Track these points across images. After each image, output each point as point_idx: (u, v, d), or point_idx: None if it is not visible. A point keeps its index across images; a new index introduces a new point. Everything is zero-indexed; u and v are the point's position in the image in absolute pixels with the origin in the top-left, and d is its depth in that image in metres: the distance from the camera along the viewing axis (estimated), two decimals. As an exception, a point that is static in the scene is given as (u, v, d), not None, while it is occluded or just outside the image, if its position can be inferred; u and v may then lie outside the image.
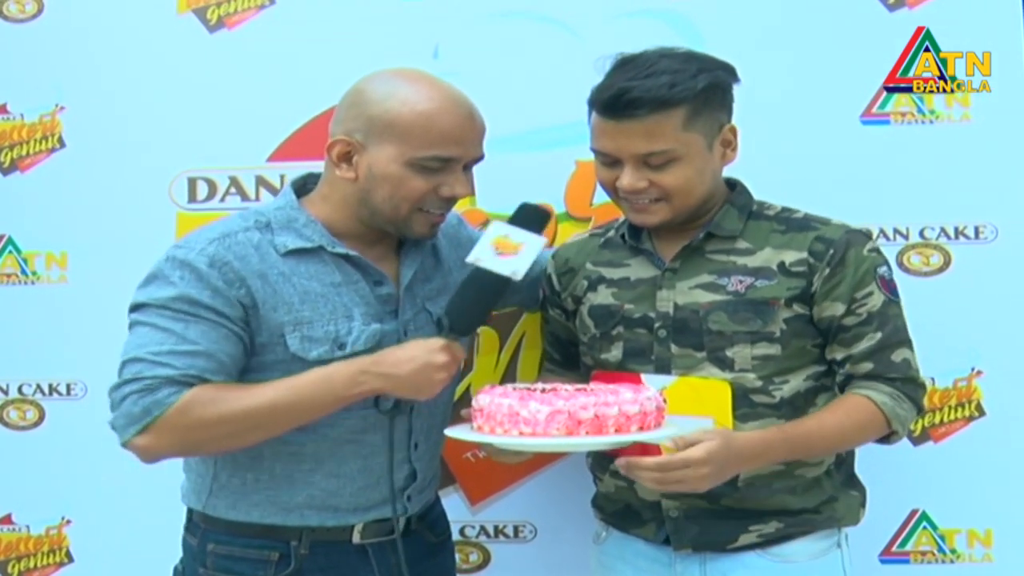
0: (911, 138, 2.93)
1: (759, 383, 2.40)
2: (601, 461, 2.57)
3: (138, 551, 3.04)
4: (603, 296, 2.55)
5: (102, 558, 3.12)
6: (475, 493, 3.05)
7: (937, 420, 2.94)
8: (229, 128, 3.05)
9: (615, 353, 2.50)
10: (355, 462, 2.41)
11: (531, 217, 2.42)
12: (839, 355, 2.44)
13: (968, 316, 2.91)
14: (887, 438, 2.46)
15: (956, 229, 2.92)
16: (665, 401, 2.26)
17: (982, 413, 2.94)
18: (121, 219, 3.06)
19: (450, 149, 2.34)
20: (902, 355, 2.43)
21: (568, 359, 2.71)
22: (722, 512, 2.43)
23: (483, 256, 2.32)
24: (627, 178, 2.39)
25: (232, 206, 2.99)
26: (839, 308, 2.41)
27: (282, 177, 2.99)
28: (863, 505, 2.54)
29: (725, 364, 2.41)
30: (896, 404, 2.40)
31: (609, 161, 2.43)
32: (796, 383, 2.42)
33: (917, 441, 2.94)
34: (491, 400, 2.19)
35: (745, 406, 2.39)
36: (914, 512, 2.97)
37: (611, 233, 2.61)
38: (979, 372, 2.93)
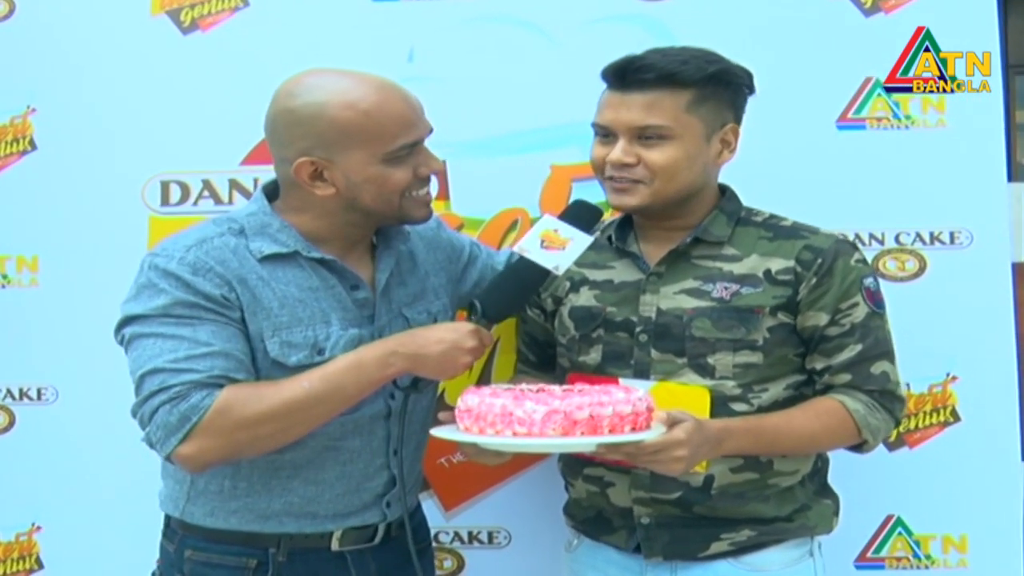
0: (887, 143, 2.94)
1: (738, 391, 2.40)
2: (573, 466, 2.56)
3: (109, 558, 3.02)
4: (585, 298, 2.54)
5: (72, 565, 3.09)
6: (449, 499, 3.03)
7: (912, 426, 2.94)
8: (202, 131, 3.03)
9: (594, 356, 2.49)
10: (334, 469, 2.40)
11: (582, 214, 2.45)
12: (819, 364, 2.43)
13: (943, 322, 2.92)
14: (859, 447, 2.46)
15: (931, 234, 2.93)
16: None
17: (957, 419, 2.94)
18: (93, 222, 3.04)
19: (411, 133, 2.35)
20: (881, 368, 2.43)
21: (543, 361, 2.70)
22: (694, 520, 2.42)
23: (529, 247, 2.37)
24: (616, 151, 2.40)
25: (205, 210, 2.97)
26: (823, 318, 2.40)
27: (255, 180, 2.97)
28: (836, 514, 2.53)
29: (705, 371, 2.40)
30: (869, 413, 2.40)
31: (604, 134, 2.44)
32: (775, 391, 2.42)
33: (892, 447, 2.93)
34: (481, 400, 2.16)
35: (723, 413, 2.38)
36: (889, 518, 2.97)
37: (597, 234, 2.59)
38: (954, 378, 2.93)
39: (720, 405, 2.39)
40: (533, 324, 2.69)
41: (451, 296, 2.64)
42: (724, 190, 2.55)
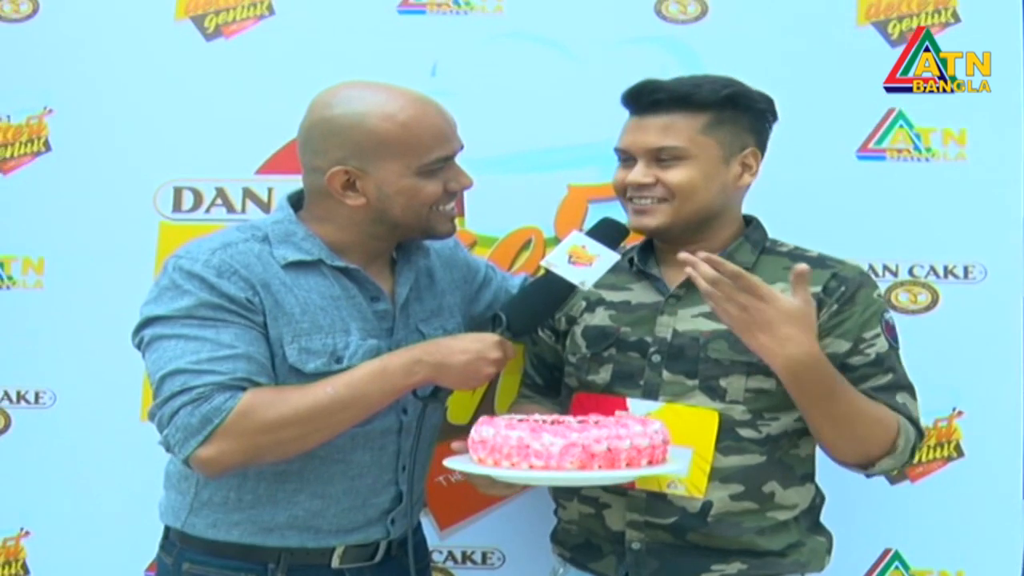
0: (906, 175, 2.95)
1: (748, 416, 2.39)
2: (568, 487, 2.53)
3: (96, 566, 3.00)
4: (600, 317, 2.54)
5: (59, 571, 3.04)
6: (444, 518, 3.02)
7: (915, 459, 2.92)
8: (219, 138, 3.02)
9: (603, 375, 2.49)
10: (342, 483, 2.39)
11: (610, 232, 2.48)
12: None
13: (953, 356, 2.92)
14: (872, 464, 2.37)
15: (945, 268, 2.94)
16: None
17: (961, 454, 2.95)
18: (103, 226, 3.02)
19: (446, 147, 2.37)
20: (903, 399, 2.41)
21: (549, 384, 2.69)
22: (686, 548, 2.40)
23: (556, 262, 2.40)
24: (635, 173, 2.44)
25: (217, 218, 2.96)
26: (843, 345, 2.39)
27: (270, 190, 2.97)
28: (829, 552, 2.51)
29: (716, 394, 2.39)
30: (908, 423, 2.38)
31: (625, 158, 2.48)
32: (786, 422, 2.40)
33: (894, 480, 2.94)
34: (496, 432, 2.16)
35: (730, 439, 2.38)
36: (887, 551, 2.96)
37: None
38: (960, 413, 2.94)
39: (728, 430, 2.38)
40: (543, 345, 2.69)
41: (464, 316, 2.64)
42: (749, 220, 2.57)
